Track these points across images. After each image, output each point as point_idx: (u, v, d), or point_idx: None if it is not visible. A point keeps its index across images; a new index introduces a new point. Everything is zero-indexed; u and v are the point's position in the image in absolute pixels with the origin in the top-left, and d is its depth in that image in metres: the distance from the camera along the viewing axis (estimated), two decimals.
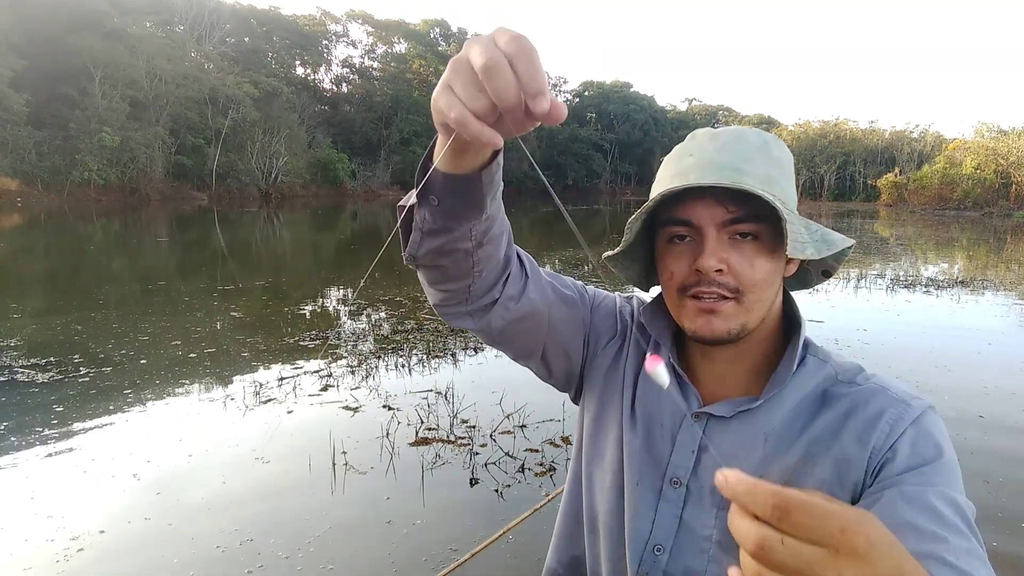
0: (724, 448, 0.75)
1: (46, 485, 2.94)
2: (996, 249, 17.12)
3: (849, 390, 0.74)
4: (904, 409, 0.71)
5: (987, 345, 5.86)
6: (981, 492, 2.95)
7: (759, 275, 0.70)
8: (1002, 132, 43.69)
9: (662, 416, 0.80)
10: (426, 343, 5.53)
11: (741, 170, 0.69)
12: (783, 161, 0.74)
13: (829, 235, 0.72)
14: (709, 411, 0.76)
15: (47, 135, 31.40)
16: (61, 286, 8.97)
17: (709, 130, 0.75)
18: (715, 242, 0.70)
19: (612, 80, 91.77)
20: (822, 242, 0.71)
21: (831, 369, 0.77)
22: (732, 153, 0.71)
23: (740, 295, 0.70)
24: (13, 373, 4.53)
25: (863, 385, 0.74)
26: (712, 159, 0.71)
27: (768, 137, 0.75)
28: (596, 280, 9.84)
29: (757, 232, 0.70)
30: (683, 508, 0.77)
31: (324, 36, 63.59)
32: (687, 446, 0.77)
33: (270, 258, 13.56)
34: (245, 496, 2.87)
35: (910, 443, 0.68)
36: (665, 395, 0.80)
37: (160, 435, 3.54)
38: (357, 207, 37.70)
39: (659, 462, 0.79)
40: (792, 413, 0.74)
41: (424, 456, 3.26)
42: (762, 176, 0.70)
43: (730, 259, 0.70)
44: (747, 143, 0.73)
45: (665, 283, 0.76)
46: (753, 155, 0.71)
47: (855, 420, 0.71)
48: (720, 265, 0.69)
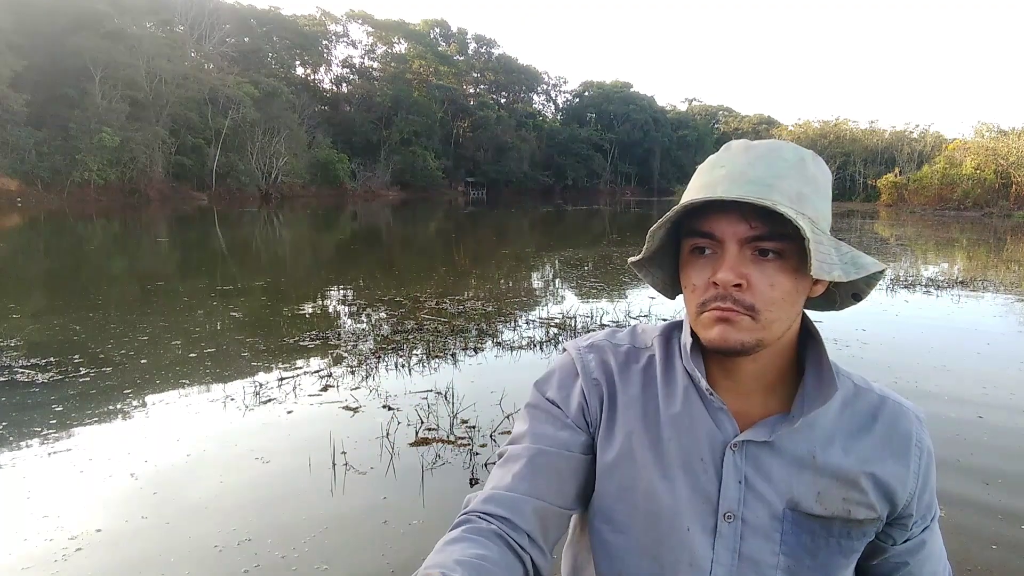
0: (773, 473, 0.75)
1: (44, 484, 2.94)
2: (996, 249, 17.13)
3: (871, 400, 0.78)
4: (920, 428, 0.78)
5: (986, 345, 5.85)
6: (980, 493, 2.94)
7: (778, 294, 0.69)
8: (1002, 132, 43.67)
9: (700, 451, 0.77)
10: (426, 343, 5.53)
11: (771, 186, 0.68)
12: (819, 179, 0.72)
13: (860, 258, 0.71)
14: (749, 438, 0.75)
15: (47, 135, 31.41)
16: (61, 286, 8.98)
17: (745, 142, 0.74)
18: (735, 257, 0.69)
19: (612, 80, 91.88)
20: (851, 264, 0.69)
21: (845, 377, 0.79)
22: (764, 167, 0.70)
23: (756, 312, 0.69)
24: (13, 373, 4.53)
25: (882, 396, 0.79)
26: (742, 172, 0.70)
27: (805, 153, 0.73)
28: (595, 279, 9.85)
29: (781, 250, 0.68)
30: (740, 542, 0.75)
31: (324, 36, 63.61)
32: (733, 477, 0.75)
33: (270, 258, 13.57)
34: (244, 496, 2.87)
35: (931, 473, 0.78)
36: (699, 426, 0.77)
37: (160, 435, 3.54)
38: (357, 207, 37.72)
39: (709, 499, 0.76)
40: (829, 427, 0.76)
41: (424, 456, 3.26)
42: (793, 193, 0.68)
43: (750, 275, 0.68)
44: (781, 158, 0.71)
45: (687, 295, 0.75)
46: (786, 171, 0.70)
47: (892, 439, 0.76)
48: (738, 280, 0.68)
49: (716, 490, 0.76)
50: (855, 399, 0.78)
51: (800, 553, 0.74)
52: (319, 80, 63.79)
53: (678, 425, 0.78)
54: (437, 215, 31.95)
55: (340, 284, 9.90)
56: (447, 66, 71.67)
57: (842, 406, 0.77)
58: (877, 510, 0.75)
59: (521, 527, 0.73)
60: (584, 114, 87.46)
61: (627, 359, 0.85)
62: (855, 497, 0.74)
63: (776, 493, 0.74)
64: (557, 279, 10.55)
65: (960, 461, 3.26)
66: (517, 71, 79.85)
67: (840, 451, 0.75)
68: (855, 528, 0.75)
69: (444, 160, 63.27)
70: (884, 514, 0.75)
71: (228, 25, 47.38)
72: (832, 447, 0.75)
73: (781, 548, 0.74)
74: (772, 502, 0.74)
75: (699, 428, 0.77)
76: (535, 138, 75.20)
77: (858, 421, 0.77)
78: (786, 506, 0.74)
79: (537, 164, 74.75)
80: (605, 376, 0.83)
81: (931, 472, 0.78)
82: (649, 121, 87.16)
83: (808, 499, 0.74)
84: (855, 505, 0.74)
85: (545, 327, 6.25)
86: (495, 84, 78.72)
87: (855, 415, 0.77)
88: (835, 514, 0.74)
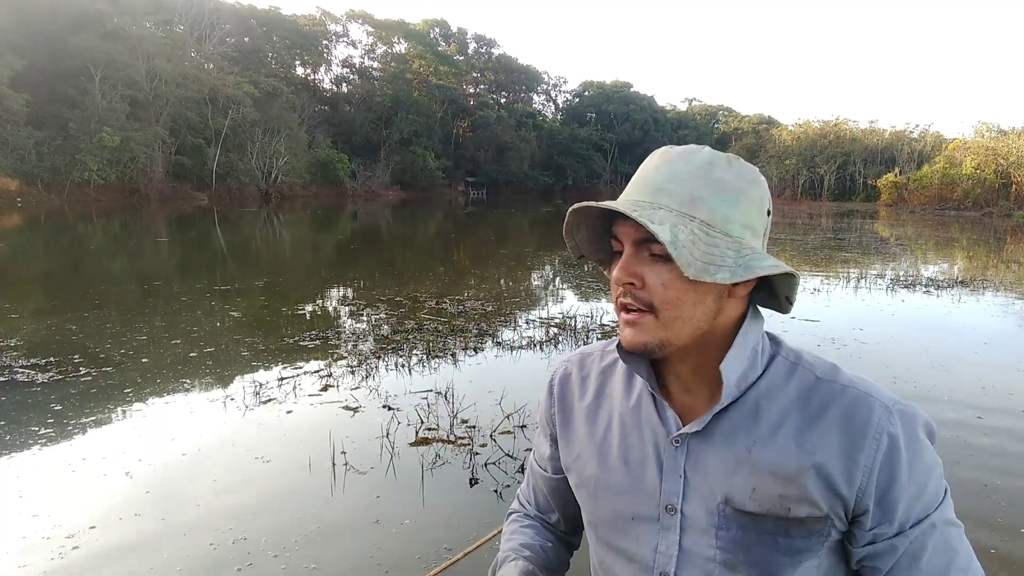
0: (711, 465, 0.75)
1: (43, 483, 2.95)
2: (996, 249, 17.13)
3: (832, 390, 0.74)
4: (888, 420, 0.71)
5: (983, 345, 5.86)
6: (980, 495, 2.94)
7: (672, 293, 0.70)
8: (1002, 132, 43.70)
9: (645, 446, 0.81)
10: (426, 343, 5.53)
11: (661, 189, 0.71)
12: (727, 182, 0.72)
13: (757, 261, 0.70)
14: (685, 430, 0.77)
15: (47, 135, 31.41)
16: (61, 286, 8.98)
17: (669, 148, 0.75)
18: (629, 257, 0.72)
19: (612, 80, 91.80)
20: (743, 268, 0.69)
21: (805, 368, 0.77)
22: (664, 172, 0.72)
23: (656, 311, 0.71)
24: (13, 373, 4.53)
25: (847, 386, 0.74)
26: (645, 177, 0.73)
27: (719, 157, 0.73)
28: (595, 279, 9.85)
29: (668, 252, 0.68)
30: (681, 534, 0.77)
31: (324, 36, 63.59)
32: (673, 471, 0.78)
33: (270, 258, 13.57)
34: (243, 495, 2.88)
35: (891, 465, 0.70)
36: (645, 422, 0.81)
37: (160, 435, 3.54)
38: (357, 207, 37.71)
39: (653, 493, 0.79)
40: (775, 420, 0.74)
41: (424, 456, 3.27)
42: (684, 196, 0.70)
43: (644, 275, 0.71)
44: (689, 162, 0.72)
45: (613, 298, 0.78)
46: (686, 174, 0.71)
47: (845, 431, 0.71)
48: (630, 279, 0.71)
49: (659, 482, 0.79)
50: (812, 391, 0.75)
51: (735, 549, 0.74)
52: (319, 80, 63.80)
53: (626, 422, 0.83)
54: (437, 215, 31.94)
55: (340, 284, 9.91)
56: (447, 66, 71.63)
57: (797, 398, 0.75)
58: (822, 507, 0.71)
59: (556, 524, 0.99)
60: (584, 114, 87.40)
61: (591, 365, 0.92)
62: (793, 493, 0.71)
63: (712, 487, 0.75)
64: (557, 279, 10.55)
65: (960, 462, 3.26)
66: (517, 71, 79.80)
67: (782, 445, 0.73)
68: (795, 527, 0.72)
69: (444, 160, 63.24)
70: (833, 512, 0.72)
71: (228, 25, 47.36)
72: (774, 441, 0.73)
73: (717, 543, 0.75)
74: (708, 496, 0.75)
75: (645, 424, 0.81)
76: (535, 138, 75.14)
77: (811, 413, 0.73)
78: (721, 501, 0.74)
79: (537, 164, 74.70)
80: (566, 386, 0.93)
81: (897, 468, 0.70)
82: (649, 121, 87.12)
83: (742, 494, 0.73)
84: (794, 502, 0.71)
85: (545, 327, 6.26)
86: (495, 84, 78.66)
87: (808, 407, 0.74)
88: (770, 511, 0.72)
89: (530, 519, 0.98)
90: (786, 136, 68.38)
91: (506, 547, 0.94)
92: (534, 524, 0.98)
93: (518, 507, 1.02)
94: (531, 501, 1.00)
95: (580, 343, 5.66)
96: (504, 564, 0.90)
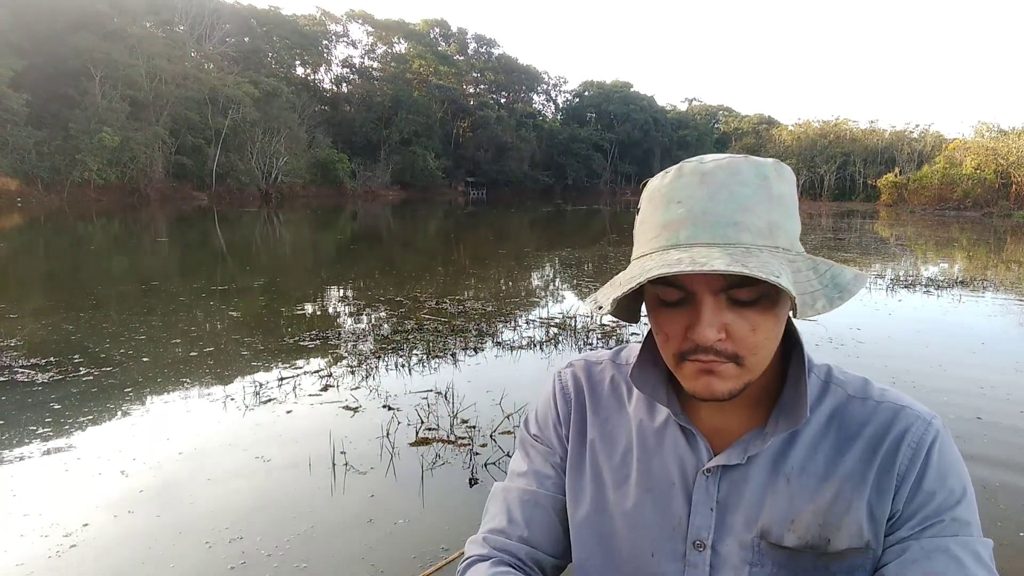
0: (746, 496, 0.70)
1: (42, 482, 2.95)
2: (996, 249, 17.13)
3: (865, 408, 0.70)
4: (925, 428, 0.67)
5: (981, 344, 5.86)
6: (979, 496, 2.92)
7: (761, 336, 0.64)
8: (1002, 132, 43.71)
9: (670, 474, 0.73)
10: (426, 343, 5.53)
11: (738, 224, 0.62)
12: (785, 195, 0.65)
13: (839, 275, 0.64)
14: (721, 463, 0.70)
15: (47, 135, 31.42)
16: (61, 286, 8.98)
17: (697, 166, 0.65)
18: (712, 310, 0.62)
19: (612, 80, 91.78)
20: (832, 288, 0.62)
21: (836, 385, 0.72)
22: (726, 200, 0.63)
23: (740, 359, 0.64)
24: (13, 373, 4.54)
25: (880, 402, 0.70)
26: (704, 211, 0.63)
27: (767, 168, 0.65)
28: (595, 279, 9.86)
29: (757, 295, 0.63)
30: (711, 573, 0.70)
31: (324, 36, 63.61)
32: (705, 504, 0.71)
33: (270, 258, 13.57)
34: (242, 495, 2.88)
35: (937, 474, 0.66)
36: (670, 447, 0.74)
37: (160, 434, 3.54)
38: (357, 207, 37.72)
39: (679, 526, 0.72)
40: (810, 444, 0.69)
41: (424, 456, 3.27)
42: (763, 228, 0.62)
43: (730, 325, 0.63)
44: (742, 182, 0.63)
45: (660, 341, 0.68)
46: (751, 198, 0.63)
47: (882, 449, 0.67)
48: (720, 335, 0.63)
49: (686, 516, 0.72)
50: (845, 409, 0.70)
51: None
52: (319, 80, 63.81)
53: (648, 446, 0.75)
54: (437, 215, 31.95)
55: (340, 284, 9.91)
56: (447, 66, 71.64)
57: (829, 419, 0.70)
58: (864, 537, 0.66)
59: (524, 563, 0.78)
60: (584, 114, 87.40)
61: (601, 376, 0.83)
62: (834, 522, 0.67)
63: (747, 521, 0.69)
64: (557, 279, 10.55)
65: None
66: (517, 71, 79.80)
67: (821, 470, 0.68)
68: (835, 561, 0.67)
69: (444, 160, 63.25)
70: (874, 538, 0.67)
71: (228, 25, 47.37)
72: (812, 466, 0.68)
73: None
74: (742, 531, 0.69)
75: (670, 450, 0.74)
76: (535, 138, 75.14)
77: (845, 434, 0.69)
78: (756, 535, 0.69)
79: (537, 164, 74.69)
80: (575, 395, 0.83)
81: (928, 467, 0.66)
82: (649, 121, 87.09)
83: (780, 528, 0.68)
84: (834, 532, 0.67)
85: (545, 327, 6.26)
86: (495, 84, 78.66)
87: (842, 428, 0.69)
88: (809, 544, 0.67)
89: (506, 566, 0.76)
90: (786, 136, 68.49)
91: None
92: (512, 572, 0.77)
93: (483, 551, 0.78)
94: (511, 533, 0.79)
95: (580, 343, 5.66)
96: None
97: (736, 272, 0.56)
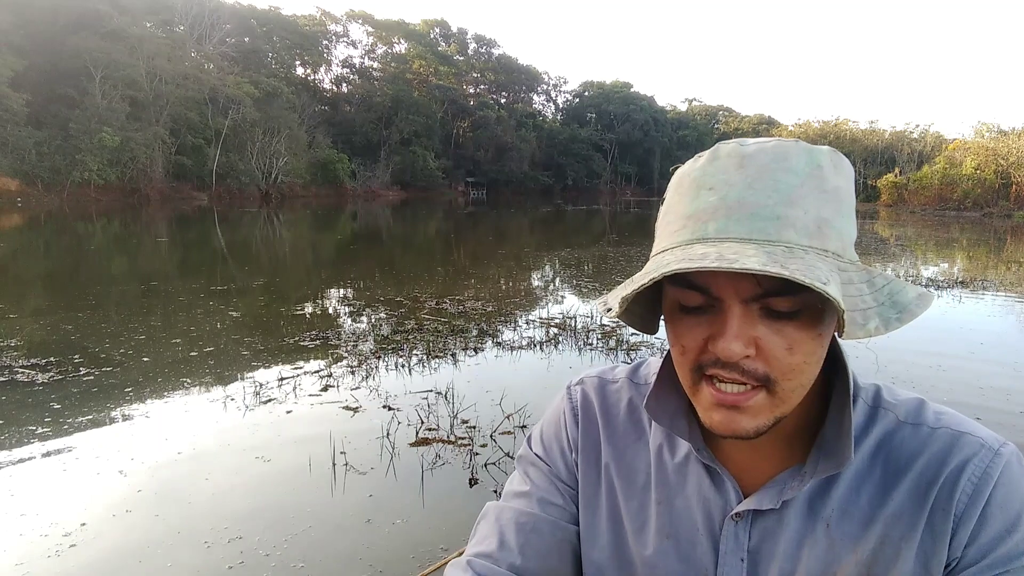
0: (780, 544, 0.60)
1: (40, 482, 2.95)
2: (996, 249, 17.13)
3: (918, 436, 0.59)
4: (991, 458, 0.57)
5: (979, 344, 5.86)
6: None
7: (799, 358, 0.53)
8: (1002, 132, 43.72)
9: (694, 518, 0.64)
10: (426, 343, 5.53)
11: (780, 218, 0.51)
12: (841, 190, 0.55)
13: (900, 292, 0.54)
14: (751, 507, 0.61)
15: (47, 135, 31.45)
16: (61, 286, 8.98)
17: (738, 149, 0.55)
18: (740, 321, 0.52)
19: (612, 80, 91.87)
20: (890, 307, 0.52)
21: (886, 409, 0.62)
22: (768, 189, 0.52)
23: (772, 384, 0.54)
24: (13, 373, 4.53)
25: (935, 428, 0.59)
26: (740, 199, 0.52)
27: (821, 156, 0.55)
28: (594, 279, 9.86)
29: (798, 308, 0.53)
30: None
31: (324, 36, 63.66)
32: (734, 554, 0.62)
33: (270, 258, 13.57)
34: (242, 495, 2.88)
35: (1004, 512, 0.55)
36: (694, 489, 0.65)
37: (160, 434, 3.54)
38: (357, 207, 37.72)
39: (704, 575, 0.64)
40: (854, 482, 0.59)
41: (424, 456, 3.27)
42: (810, 224, 0.52)
43: (761, 340, 0.53)
44: (790, 170, 0.53)
45: (676, 356, 0.59)
46: (798, 189, 0.53)
47: (937, 484, 0.57)
48: (748, 351, 0.53)
49: (713, 567, 0.63)
50: (896, 438, 0.60)
51: None
52: (319, 80, 63.86)
53: (668, 483, 0.66)
54: (437, 215, 31.95)
55: (340, 284, 9.90)
56: (447, 66, 71.69)
57: (875, 450, 0.60)
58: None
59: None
60: (584, 114, 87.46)
61: (617, 398, 0.73)
62: (880, 572, 0.57)
63: (783, 573, 0.60)
64: (557, 279, 10.55)
65: None
66: (517, 71, 79.87)
67: (867, 512, 0.59)
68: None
69: (444, 160, 63.30)
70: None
71: (228, 25, 47.40)
72: (856, 508, 0.59)
73: None
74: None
75: (693, 490, 0.65)
76: (535, 138, 75.19)
77: (893, 468, 0.59)
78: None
79: (537, 164, 74.76)
80: (586, 417, 0.73)
81: (993, 504, 0.55)
82: (649, 121, 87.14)
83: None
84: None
85: (545, 327, 6.26)
86: (495, 84, 78.74)
87: (890, 460, 0.59)
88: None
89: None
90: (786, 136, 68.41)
91: None
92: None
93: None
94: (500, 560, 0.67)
95: (580, 343, 5.65)
96: None
97: (773, 273, 0.46)
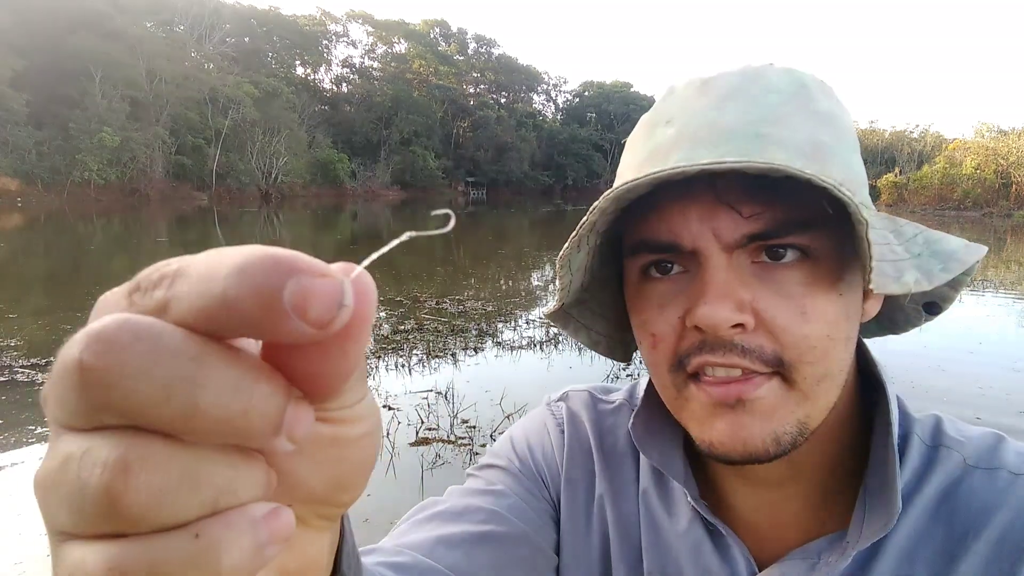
0: None
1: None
2: (996, 249, 17.14)
3: (994, 484, 0.43)
4: None
5: (978, 344, 5.86)
6: None
7: (817, 328, 0.39)
8: (1002, 132, 43.76)
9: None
10: (426, 343, 5.54)
11: (762, 135, 0.39)
12: (838, 116, 0.44)
13: (939, 241, 0.41)
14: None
15: (47, 135, 31.45)
16: (61, 286, 8.99)
17: (695, 78, 0.45)
18: (725, 273, 0.39)
19: (612, 80, 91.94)
20: (929, 256, 0.40)
21: (949, 448, 0.46)
22: (741, 111, 0.40)
23: (787, 368, 0.39)
24: (13, 373, 4.54)
25: (1019, 474, 0.43)
26: (708, 122, 0.41)
27: (806, 77, 0.44)
28: None
29: (805, 248, 0.40)
30: None
31: (324, 36, 63.70)
32: None
33: None
34: None
35: None
36: (690, 560, 0.49)
37: None
38: (357, 207, 37.73)
39: None
40: (908, 546, 0.43)
41: (424, 456, 3.27)
42: (803, 144, 0.39)
43: (760, 305, 0.39)
44: (769, 89, 0.42)
45: (647, 354, 0.44)
46: (782, 108, 0.41)
47: (1020, 548, 0.41)
48: (740, 316, 0.38)
49: None
50: (960, 487, 0.44)
51: None
52: (319, 80, 63.86)
53: (659, 548, 0.50)
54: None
55: None
56: (447, 66, 71.70)
57: (938, 503, 0.44)
58: None
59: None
60: (584, 114, 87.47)
61: (614, 424, 0.57)
62: None
63: None
64: (557, 279, 10.56)
65: None
66: (517, 71, 79.90)
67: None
68: None
69: (444, 160, 63.32)
70: None
71: (228, 25, 47.43)
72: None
73: None
74: None
75: (689, 560, 0.49)
76: (535, 138, 75.18)
77: (960, 527, 0.43)
78: None
79: (537, 164, 74.78)
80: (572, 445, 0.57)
81: None
82: None
83: None
84: None
85: (545, 327, 6.27)
86: (495, 84, 78.75)
87: (956, 516, 0.43)
88: None
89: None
90: None
91: None
92: None
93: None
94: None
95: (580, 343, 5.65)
96: None
97: (763, 168, 0.35)
